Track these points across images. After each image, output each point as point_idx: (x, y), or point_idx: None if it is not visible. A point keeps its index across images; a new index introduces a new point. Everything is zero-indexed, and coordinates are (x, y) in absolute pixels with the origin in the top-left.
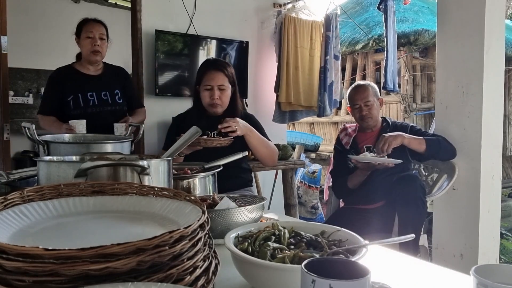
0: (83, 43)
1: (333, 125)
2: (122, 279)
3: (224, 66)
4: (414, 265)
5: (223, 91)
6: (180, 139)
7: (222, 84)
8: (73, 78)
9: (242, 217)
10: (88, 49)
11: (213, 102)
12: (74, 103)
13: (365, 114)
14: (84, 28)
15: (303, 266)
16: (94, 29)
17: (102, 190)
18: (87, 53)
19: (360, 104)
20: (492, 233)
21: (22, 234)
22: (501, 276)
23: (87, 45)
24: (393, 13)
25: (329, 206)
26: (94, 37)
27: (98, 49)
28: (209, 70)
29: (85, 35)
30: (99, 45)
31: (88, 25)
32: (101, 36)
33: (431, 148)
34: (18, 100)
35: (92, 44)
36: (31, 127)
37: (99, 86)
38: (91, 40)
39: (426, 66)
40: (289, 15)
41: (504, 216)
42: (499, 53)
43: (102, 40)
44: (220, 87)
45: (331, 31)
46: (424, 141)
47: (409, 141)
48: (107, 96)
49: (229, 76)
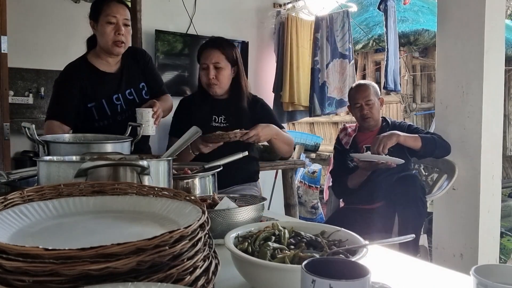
0: (102, 30)
1: (333, 125)
2: (122, 279)
3: (221, 44)
4: (414, 265)
5: (219, 69)
6: (180, 139)
7: (217, 62)
8: (91, 78)
9: (242, 217)
10: (110, 39)
11: (210, 82)
12: (98, 112)
13: (366, 113)
14: (104, 10)
15: (303, 266)
16: (118, 13)
17: (102, 190)
18: (108, 44)
19: (361, 103)
20: (492, 233)
21: (22, 234)
22: (501, 276)
23: (109, 33)
24: (394, 13)
25: (329, 206)
26: (118, 23)
27: (123, 39)
28: (205, 48)
29: (106, 19)
30: (124, 33)
31: (110, 6)
32: (125, 22)
33: (426, 145)
34: (18, 100)
35: (116, 32)
36: (31, 127)
37: (123, 84)
38: (114, 27)
39: (426, 66)
40: (291, 15)
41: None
42: (499, 53)
43: (127, 27)
44: (216, 65)
45: (319, 33)
46: (420, 138)
47: (404, 139)
48: (133, 95)
49: (228, 55)
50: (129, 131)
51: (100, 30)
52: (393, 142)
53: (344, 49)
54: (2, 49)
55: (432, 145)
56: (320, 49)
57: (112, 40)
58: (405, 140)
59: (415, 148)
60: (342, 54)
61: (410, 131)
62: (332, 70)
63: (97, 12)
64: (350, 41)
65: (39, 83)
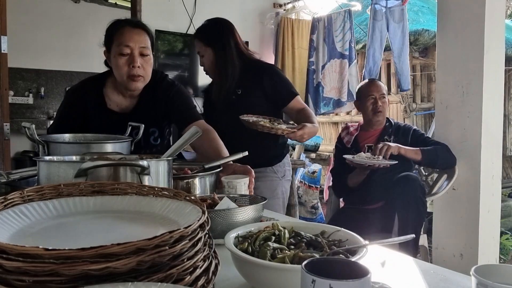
0: (115, 62)
1: (333, 125)
2: (122, 279)
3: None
4: (414, 265)
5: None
6: (180, 139)
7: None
8: (97, 110)
9: (242, 217)
10: (125, 73)
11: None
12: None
13: (380, 106)
14: (116, 38)
15: (303, 266)
16: (133, 40)
17: (102, 190)
18: (123, 79)
19: (376, 96)
20: (492, 233)
21: (22, 234)
22: (501, 276)
23: (122, 67)
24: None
25: (329, 206)
26: (132, 54)
27: (140, 72)
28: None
29: (118, 50)
30: (141, 65)
31: (123, 33)
32: (142, 51)
33: (427, 159)
34: (18, 100)
35: (130, 65)
36: (31, 127)
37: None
38: (127, 59)
39: (426, 66)
40: (285, 17)
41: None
42: (499, 53)
43: (145, 57)
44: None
45: (315, 34)
46: (420, 152)
47: (405, 151)
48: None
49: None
50: (129, 131)
51: (113, 62)
52: (395, 151)
53: (343, 49)
54: (2, 49)
55: (433, 159)
56: (315, 51)
57: (126, 74)
58: (406, 153)
59: (415, 161)
60: (342, 54)
61: (415, 137)
62: (330, 70)
63: (109, 40)
64: (352, 40)
65: (39, 83)
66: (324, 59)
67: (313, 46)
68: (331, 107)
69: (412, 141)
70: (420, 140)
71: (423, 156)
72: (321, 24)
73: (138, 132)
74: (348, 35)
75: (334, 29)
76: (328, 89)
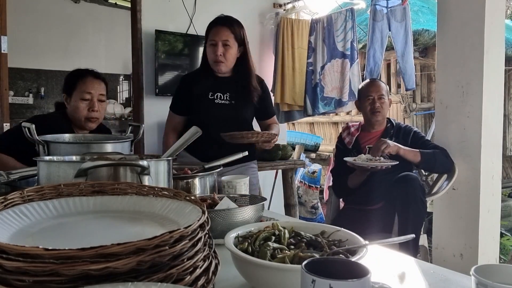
0: (75, 105)
1: (333, 125)
2: (122, 279)
3: (231, 22)
4: (414, 265)
5: (227, 47)
6: (180, 139)
7: (226, 39)
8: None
9: (242, 217)
10: (83, 115)
11: (217, 59)
12: None
13: (377, 107)
14: (79, 85)
15: (303, 266)
16: (94, 89)
17: (102, 190)
18: (81, 120)
19: (374, 96)
20: (492, 233)
21: (22, 234)
22: (501, 276)
23: (82, 110)
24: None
25: (329, 206)
26: (92, 100)
27: (97, 115)
28: (215, 26)
29: (80, 95)
30: (98, 110)
31: (86, 82)
32: (100, 98)
33: (425, 162)
34: (18, 100)
35: (90, 109)
36: (31, 127)
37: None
38: (88, 104)
39: (426, 66)
40: (285, 17)
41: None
42: (499, 53)
43: (102, 103)
44: (225, 42)
45: (313, 36)
46: (419, 154)
47: (404, 152)
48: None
49: (236, 34)
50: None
51: (73, 105)
52: (394, 151)
53: (345, 48)
54: (2, 49)
55: (431, 163)
56: (314, 52)
57: (84, 116)
58: (405, 154)
59: (413, 162)
60: (343, 54)
61: (416, 139)
62: (330, 70)
63: (71, 87)
64: (354, 39)
65: (39, 83)
66: (323, 59)
67: (311, 47)
68: (333, 107)
69: (412, 143)
70: (420, 142)
71: (422, 159)
72: (320, 25)
73: (138, 132)
74: (350, 34)
75: (335, 29)
76: (329, 89)
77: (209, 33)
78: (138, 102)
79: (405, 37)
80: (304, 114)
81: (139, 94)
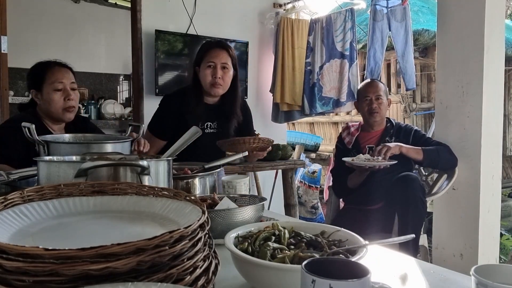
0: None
1: (333, 125)
2: (122, 279)
3: (228, 46)
4: (414, 265)
5: (225, 70)
6: (180, 139)
7: (225, 62)
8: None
9: (242, 217)
10: (60, 106)
11: (215, 81)
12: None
13: (374, 108)
14: (48, 77)
15: (303, 266)
16: (64, 78)
17: (102, 190)
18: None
19: (371, 97)
20: (492, 233)
21: (22, 234)
22: (501, 276)
23: (58, 101)
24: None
25: (329, 206)
26: (65, 88)
27: (73, 103)
28: (212, 48)
29: (52, 87)
30: (73, 98)
31: (54, 72)
32: (72, 86)
33: (428, 160)
34: (18, 100)
35: (65, 98)
36: (31, 127)
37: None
38: (62, 93)
39: (426, 66)
40: (285, 17)
41: (504, 216)
42: (499, 53)
43: (75, 91)
44: (224, 65)
45: (312, 36)
46: (422, 152)
47: (407, 150)
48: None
49: (232, 57)
50: (129, 131)
51: (46, 98)
52: (396, 151)
53: (344, 48)
54: (2, 49)
55: (434, 160)
56: (312, 51)
57: (62, 107)
58: (408, 152)
59: (416, 160)
60: (342, 54)
61: (417, 138)
62: (329, 70)
63: (39, 81)
64: (353, 40)
65: None
66: (322, 59)
67: (310, 47)
68: (331, 107)
69: (413, 142)
70: (422, 141)
71: (425, 156)
72: (319, 25)
73: (138, 132)
74: (349, 34)
75: (334, 29)
76: (328, 89)
77: (204, 55)
78: (138, 102)
79: (405, 37)
80: (302, 113)
81: (139, 94)
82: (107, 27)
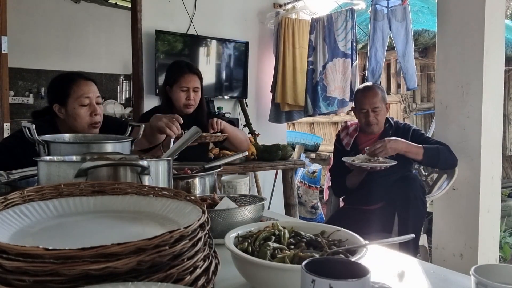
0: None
1: (333, 125)
2: (122, 279)
3: (197, 69)
4: (414, 265)
5: (196, 92)
6: (180, 139)
7: (197, 86)
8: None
9: (242, 217)
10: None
11: (188, 103)
12: None
13: (372, 120)
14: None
15: (303, 266)
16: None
17: (102, 190)
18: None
19: (367, 109)
20: (492, 233)
21: (22, 234)
22: (501, 276)
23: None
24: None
25: (329, 206)
26: (91, 103)
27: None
28: (186, 73)
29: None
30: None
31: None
32: (98, 101)
33: (428, 159)
34: (18, 100)
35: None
36: (31, 127)
37: None
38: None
39: (426, 66)
40: (286, 17)
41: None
42: (499, 53)
43: (100, 106)
44: (195, 89)
45: (313, 34)
46: (422, 150)
47: (408, 148)
48: None
49: (201, 79)
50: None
51: (72, 114)
52: (393, 152)
53: (346, 48)
54: (2, 49)
55: (434, 158)
56: (314, 50)
57: (88, 123)
58: (408, 151)
59: (416, 159)
60: (344, 53)
61: (416, 136)
62: (332, 69)
63: (64, 95)
64: (354, 39)
65: (39, 83)
66: (324, 58)
67: (312, 46)
68: (336, 107)
69: (411, 140)
70: (421, 140)
71: (425, 154)
72: (320, 24)
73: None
74: (350, 34)
75: (335, 28)
76: (332, 89)
77: (177, 79)
78: (138, 102)
79: (405, 37)
80: (305, 114)
81: (139, 94)
82: (107, 27)
